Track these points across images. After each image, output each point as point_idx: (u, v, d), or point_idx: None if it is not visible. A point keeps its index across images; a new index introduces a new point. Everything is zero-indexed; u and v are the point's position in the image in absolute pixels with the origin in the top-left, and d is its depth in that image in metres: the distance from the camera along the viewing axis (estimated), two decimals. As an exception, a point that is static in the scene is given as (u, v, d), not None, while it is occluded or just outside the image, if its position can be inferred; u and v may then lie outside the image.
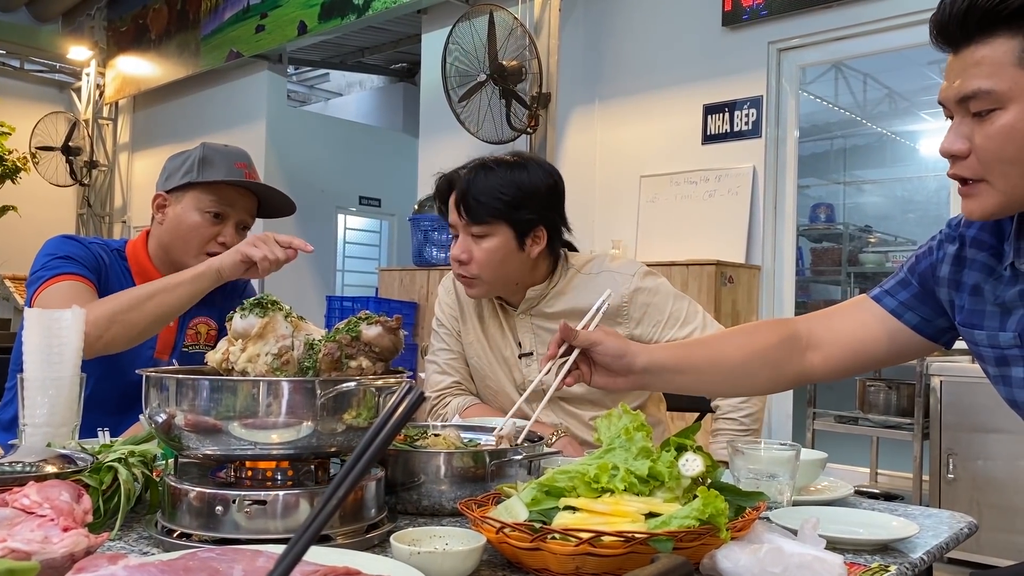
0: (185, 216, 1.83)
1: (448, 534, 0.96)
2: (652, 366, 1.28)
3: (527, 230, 1.75)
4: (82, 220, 8.57)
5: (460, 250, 1.77)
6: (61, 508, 0.84)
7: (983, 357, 1.25)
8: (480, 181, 1.74)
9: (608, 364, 1.27)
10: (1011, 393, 1.23)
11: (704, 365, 1.35)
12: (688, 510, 0.89)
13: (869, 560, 1.02)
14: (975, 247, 1.25)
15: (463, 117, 4.70)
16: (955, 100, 1.10)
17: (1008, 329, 1.19)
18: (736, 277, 4.13)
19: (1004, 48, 1.05)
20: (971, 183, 1.11)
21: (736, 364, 1.36)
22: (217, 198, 1.83)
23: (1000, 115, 1.06)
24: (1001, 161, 1.07)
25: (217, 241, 1.84)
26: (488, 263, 1.75)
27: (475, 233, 1.75)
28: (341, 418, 1.01)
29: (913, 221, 8.24)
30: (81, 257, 1.77)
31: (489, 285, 1.80)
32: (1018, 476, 3.26)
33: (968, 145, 1.09)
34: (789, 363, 1.36)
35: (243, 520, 0.97)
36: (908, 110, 8.03)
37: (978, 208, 1.12)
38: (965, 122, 1.10)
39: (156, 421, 1.04)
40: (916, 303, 1.32)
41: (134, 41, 7.96)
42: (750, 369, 1.37)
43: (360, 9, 5.58)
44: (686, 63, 4.65)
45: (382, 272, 5.41)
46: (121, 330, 1.59)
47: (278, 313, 1.10)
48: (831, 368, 1.37)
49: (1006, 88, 1.05)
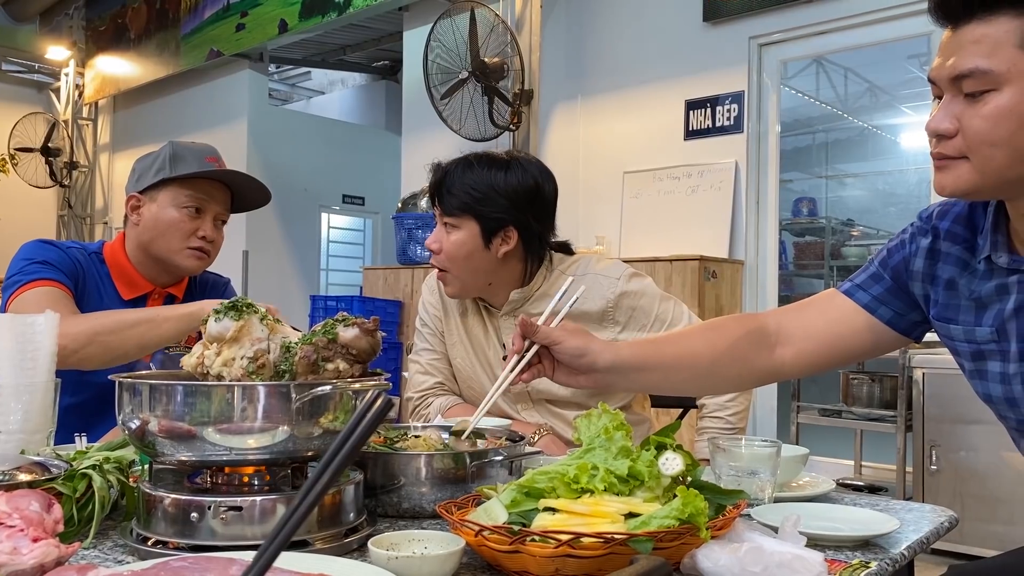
0: (162, 214, 1.82)
1: (427, 538, 0.96)
2: (617, 365, 1.24)
3: (495, 228, 1.76)
4: (63, 222, 8.50)
5: (432, 239, 1.81)
6: (31, 518, 0.82)
7: (958, 352, 1.24)
8: (458, 175, 1.77)
9: (569, 363, 1.24)
10: (986, 388, 1.22)
11: (672, 362, 1.31)
12: (668, 510, 0.89)
13: (850, 556, 1.01)
14: (949, 240, 1.23)
15: (446, 115, 4.69)
16: (948, 78, 1.06)
17: (984, 324, 1.18)
18: (719, 272, 4.14)
19: (1006, 28, 1.02)
20: (950, 159, 1.08)
21: (704, 360, 1.32)
22: (194, 192, 1.83)
23: (994, 96, 1.03)
24: (988, 143, 1.05)
25: (197, 235, 1.83)
26: (454, 256, 1.77)
27: (447, 223, 1.78)
28: (318, 422, 1.00)
29: (895, 214, 8.29)
30: (58, 262, 1.75)
31: (460, 282, 1.81)
32: (1000, 467, 3.28)
33: (956, 125, 1.06)
34: (758, 358, 1.33)
35: (219, 527, 0.96)
36: (889, 104, 8.08)
37: (951, 183, 1.09)
38: (956, 101, 1.07)
39: (130, 427, 1.02)
40: (889, 297, 1.30)
41: (113, 41, 7.89)
42: (718, 366, 1.33)
43: (341, 7, 5.55)
44: (668, 59, 4.66)
45: (366, 271, 5.40)
46: (98, 351, 1.57)
47: (253, 316, 1.09)
48: (802, 364, 1.33)
49: (1004, 69, 1.02)
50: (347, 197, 8.03)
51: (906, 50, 6.05)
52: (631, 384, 1.30)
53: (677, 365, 1.31)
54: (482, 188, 1.75)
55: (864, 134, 8.60)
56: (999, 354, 1.18)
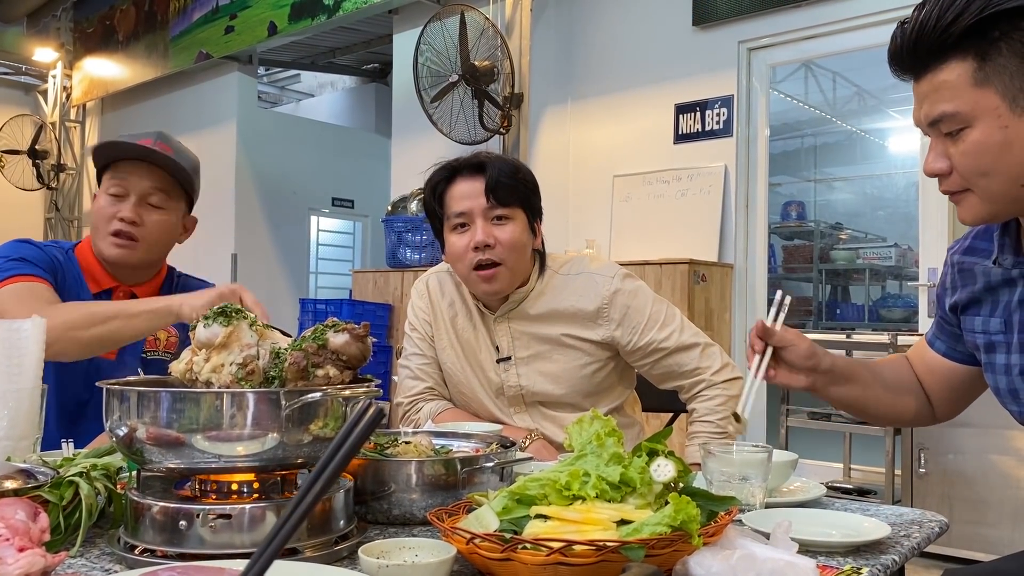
0: (95, 204, 1.82)
1: (418, 545, 0.95)
2: (833, 370, 1.35)
3: (535, 218, 1.82)
4: (50, 224, 8.44)
5: (485, 234, 1.73)
6: (16, 527, 0.81)
7: (977, 345, 1.32)
8: (500, 167, 1.76)
9: (795, 363, 1.32)
10: (995, 380, 1.28)
11: (870, 381, 1.42)
12: (660, 517, 0.88)
13: (842, 562, 1.01)
14: (970, 254, 1.33)
15: (436, 118, 4.68)
16: (926, 123, 1.15)
17: (995, 315, 1.26)
18: (709, 275, 4.15)
19: (958, 71, 1.10)
20: (959, 194, 1.17)
21: (891, 392, 1.44)
22: (111, 176, 1.79)
23: (969, 133, 1.11)
24: (979, 174, 1.12)
25: (116, 217, 1.77)
26: (513, 246, 1.75)
27: (500, 215, 1.75)
28: (307, 429, 0.99)
29: (883, 218, 8.34)
30: (36, 258, 1.73)
31: (511, 274, 1.78)
32: (988, 470, 3.30)
33: (948, 163, 1.15)
34: (918, 405, 1.46)
35: (208, 535, 0.95)
36: (877, 108, 8.12)
37: (970, 216, 1.18)
38: (940, 141, 1.15)
39: (117, 434, 1.01)
40: (939, 331, 1.42)
41: (101, 42, 7.84)
42: (898, 397, 1.45)
43: (330, 9, 5.54)
44: (657, 63, 4.67)
45: (356, 274, 5.38)
46: (70, 346, 1.54)
47: (243, 322, 1.08)
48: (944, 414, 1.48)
49: (968, 108, 1.10)
50: (336, 200, 8.00)
51: (894, 55, 6.06)
52: (833, 393, 1.39)
53: (873, 385, 1.42)
54: (531, 179, 1.80)
55: (852, 138, 8.65)
56: (1005, 346, 1.25)
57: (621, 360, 1.86)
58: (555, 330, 1.81)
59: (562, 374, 1.81)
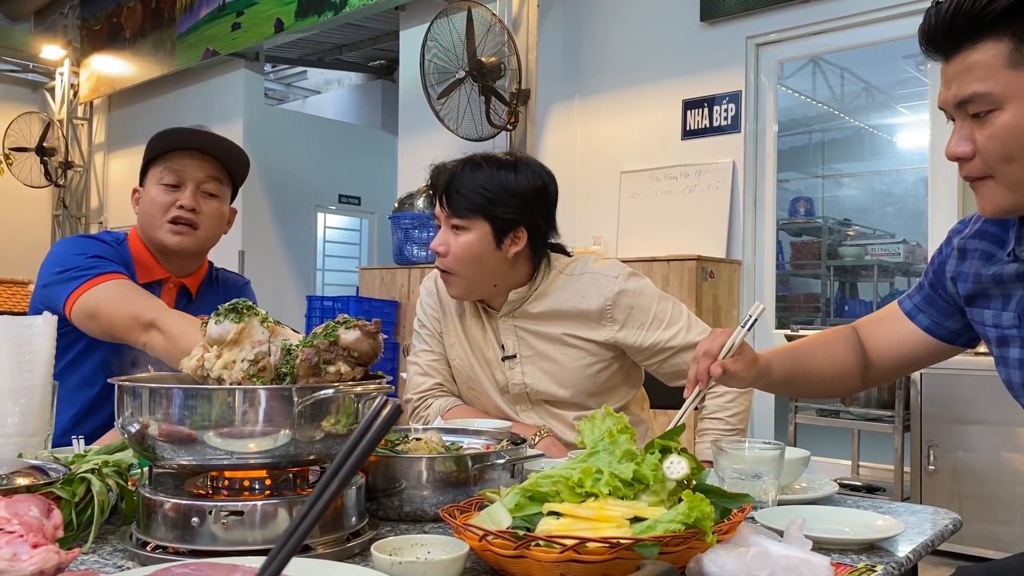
0: (147, 196, 1.82)
1: (430, 542, 0.95)
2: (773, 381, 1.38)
3: (506, 229, 1.75)
4: (57, 221, 8.46)
5: (438, 242, 1.78)
6: (30, 524, 0.81)
7: (988, 338, 1.30)
8: (466, 175, 1.74)
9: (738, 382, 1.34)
10: (1008, 374, 1.27)
11: (805, 377, 1.45)
12: (673, 514, 0.88)
13: (855, 560, 1.01)
14: (978, 237, 1.30)
15: (442, 114, 4.67)
16: (953, 104, 1.13)
17: (1009, 309, 1.24)
18: (717, 272, 4.14)
19: (993, 51, 1.07)
20: (980, 180, 1.15)
21: (825, 376, 1.46)
22: (168, 166, 1.80)
23: (998, 115, 1.09)
24: (1004, 160, 1.10)
25: (176, 205, 1.79)
26: (463, 257, 1.75)
27: (455, 225, 1.75)
28: (319, 425, 0.99)
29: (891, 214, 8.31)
30: (109, 254, 1.75)
31: (467, 282, 1.79)
32: (998, 467, 3.28)
33: (972, 147, 1.13)
34: (860, 374, 1.47)
35: (220, 531, 0.95)
36: (885, 103, 8.09)
37: (989, 206, 1.16)
38: (966, 124, 1.13)
39: (129, 431, 1.01)
40: (926, 305, 1.39)
41: (108, 40, 7.86)
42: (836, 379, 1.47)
43: (337, 6, 5.54)
44: (665, 59, 4.65)
45: (362, 271, 5.38)
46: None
47: (254, 318, 1.08)
48: (879, 378, 1.49)
49: (1000, 90, 1.08)
50: (343, 197, 8.00)
51: (902, 50, 6.05)
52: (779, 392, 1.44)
53: (809, 379, 1.45)
54: (494, 188, 1.73)
55: (860, 134, 8.61)
56: (1020, 340, 1.24)
57: (627, 359, 1.85)
58: (557, 329, 1.80)
59: (565, 373, 1.81)
